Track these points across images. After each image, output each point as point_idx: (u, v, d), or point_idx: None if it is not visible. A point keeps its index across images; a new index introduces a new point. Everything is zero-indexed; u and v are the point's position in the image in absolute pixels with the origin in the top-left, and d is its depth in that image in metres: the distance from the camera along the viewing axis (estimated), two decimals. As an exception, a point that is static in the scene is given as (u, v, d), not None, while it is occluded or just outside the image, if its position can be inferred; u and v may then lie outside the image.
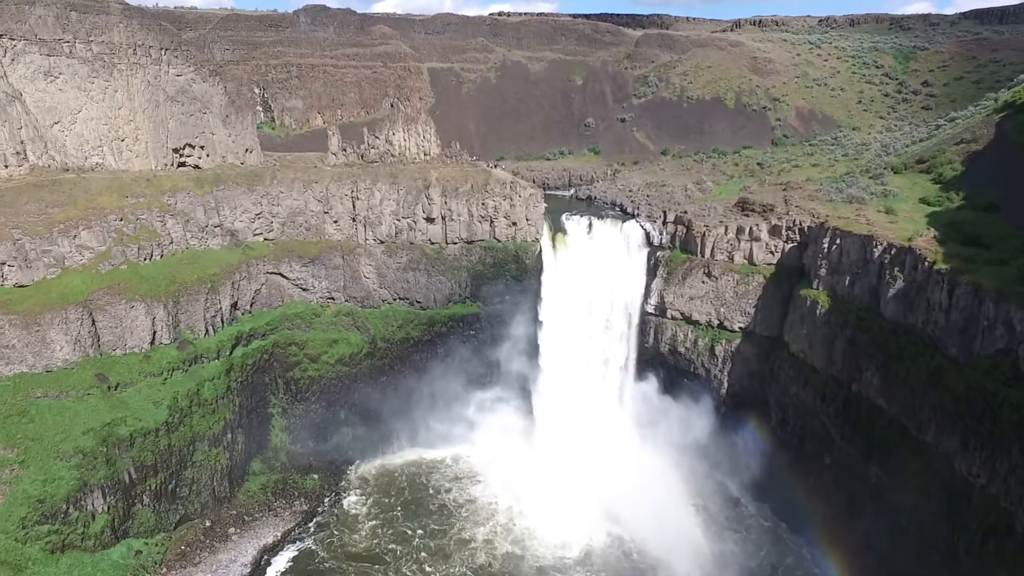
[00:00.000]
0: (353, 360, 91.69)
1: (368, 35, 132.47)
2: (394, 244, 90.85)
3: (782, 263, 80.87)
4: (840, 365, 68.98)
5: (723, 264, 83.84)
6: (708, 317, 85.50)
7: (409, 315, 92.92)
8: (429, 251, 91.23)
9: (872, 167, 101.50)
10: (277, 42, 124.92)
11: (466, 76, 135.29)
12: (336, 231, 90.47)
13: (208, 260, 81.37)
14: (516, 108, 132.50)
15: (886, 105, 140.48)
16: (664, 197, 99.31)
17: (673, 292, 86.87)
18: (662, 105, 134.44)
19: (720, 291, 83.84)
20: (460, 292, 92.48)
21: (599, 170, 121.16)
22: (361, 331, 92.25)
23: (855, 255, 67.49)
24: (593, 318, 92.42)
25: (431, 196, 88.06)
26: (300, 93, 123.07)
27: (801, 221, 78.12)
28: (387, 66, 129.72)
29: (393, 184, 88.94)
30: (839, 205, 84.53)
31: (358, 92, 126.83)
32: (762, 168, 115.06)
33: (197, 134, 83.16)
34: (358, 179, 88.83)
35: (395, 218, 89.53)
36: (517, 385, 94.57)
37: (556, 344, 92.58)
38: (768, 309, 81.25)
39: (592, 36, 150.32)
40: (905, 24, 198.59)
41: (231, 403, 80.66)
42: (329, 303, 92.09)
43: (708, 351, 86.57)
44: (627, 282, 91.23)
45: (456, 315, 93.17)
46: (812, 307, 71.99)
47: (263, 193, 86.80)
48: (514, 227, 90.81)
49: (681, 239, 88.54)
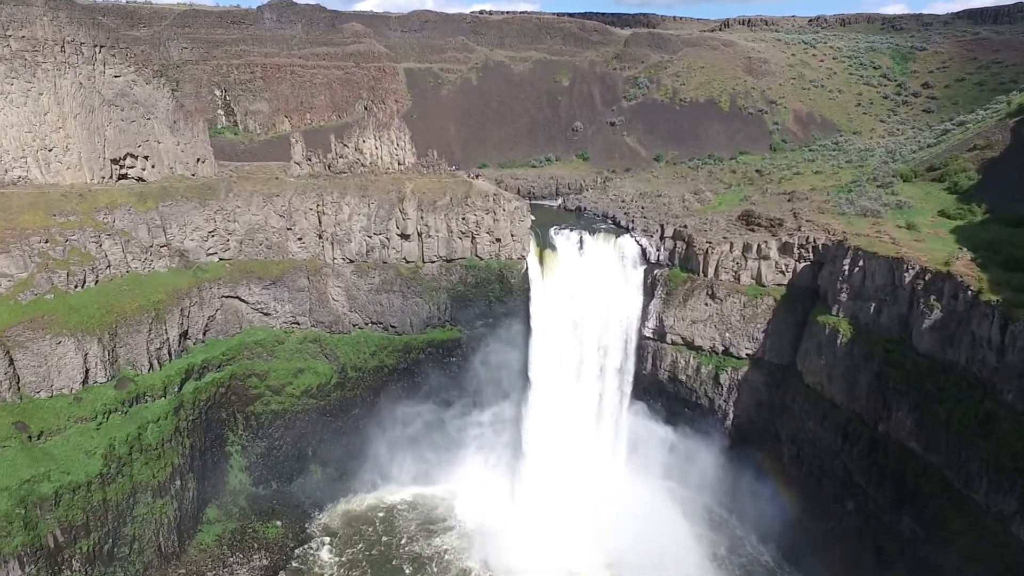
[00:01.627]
0: (321, 391, 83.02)
1: (339, 33, 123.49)
2: (365, 263, 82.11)
3: (794, 284, 73.44)
4: (865, 402, 61.58)
5: (728, 285, 76.23)
6: (712, 342, 77.86)
7: (383, 341, 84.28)
8: (404, 271, 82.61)
9: (879, 175, 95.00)
10: (240, 40, 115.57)
11: (445, 77, 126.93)
12: (300, 249, 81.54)
13: (153, 285, 72.06)
14: (499, 111, 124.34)
15: (886, 108, 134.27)
16: (660, 209, 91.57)
17: (673, 315, 79.11)
18: (653, 108, 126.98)
19: (725, 314, 76.23)
20: (439, 315, 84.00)
21: (588, 178, 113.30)
22: (329, 359, 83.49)
23: (881, 279, 60.08)
24: (585, 342, 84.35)
25: (406, 210, 79.48)
26: (265, 95, 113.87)
27: (815, 238, 70.68)
28: (360, 66, 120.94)
29: (363, 197, 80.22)
30: (853, 219, 77.51)
31: (329, 94, 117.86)
32: (762, 176, 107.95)
33: (140, 143, 73.81)
34: (324, 191, 79.98)
35: (366, 235, 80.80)
36: (503, 417, 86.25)
37: (545, 371, 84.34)
38: (779, 335, 73.76)
39: (579, 35, 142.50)
40: (897, 24, 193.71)
41: (180, 445, 71.50)
42: (294, 329, 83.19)
43: (712, 379, 78.93)
44: (622, 303, 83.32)
45: (435, 340, 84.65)
46: (831, 336, 64.53)
47: (217, 208, 77.64)
48: (498, 243, 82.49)
49: (681, 256, 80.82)
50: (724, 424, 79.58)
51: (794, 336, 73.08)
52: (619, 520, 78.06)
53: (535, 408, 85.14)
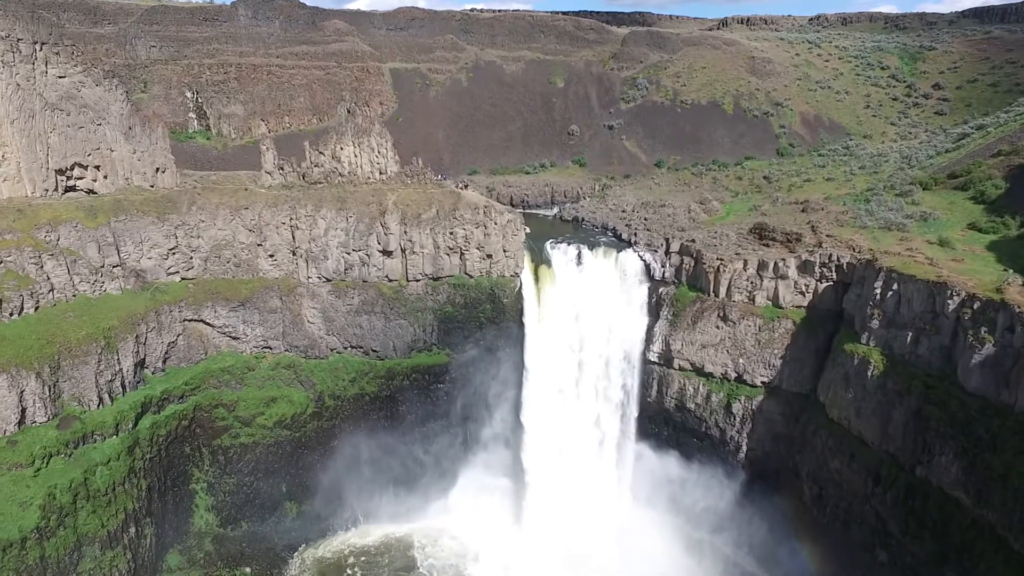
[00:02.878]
0: (296, 422, 75.89)
1: (320, 31, 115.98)
2: (343, 282, 74.91)
3: (815, 306, 66.79)
4: (900, 442, 54.92)
5: (742, 306, 69.49)
6: (724, 369, 71.11)
7: (363, 366, 77.13)
8: (386, 290, 75.45)
9: (897, 182, 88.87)
10: (212, 38, 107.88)
11: (434, 78, 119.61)
12: (272, 267, 74.27)
13: (104, 310, 64.59)
14: (491, 114, 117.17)
15: (896, 110, 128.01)
16: (664, 220, 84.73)
17: (681, 338, 72.30)
18: (653, 110, 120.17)
19: (738, 338, 69.48)
20: (425, 338, 76.90)
21: (585, 185, 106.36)
22: (305, 387, 76.29)
23: (920, 306, 53.42)
24: (585, 366, 77.47)
25: (388, 224, 72.33)
26: (240, 97, 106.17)
27: (839, 256, 64.01)
28: (342, 66, 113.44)
29: (341, 210, 73.00)
30: (877, 233, 71.07)
31: (309, 96, 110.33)
32: (770, 183, 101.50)
33: (90, 151, 66.30)
34: (298, 204, 72.72)
35: (344, 251, 73.58)
36: (495, 448, 79.35)
37: (541, 397, 77.42)
38: (798, 362, 67.10)
39: (574, 34, 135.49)
40: (901, 23, 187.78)
41: (135, 488, 64.15)
42: (265, 354, 75.94)
43: (724, 409, 72.18)
44: (625, 324, 76.44)
45: (420, 366, 77.55)
46: (861, 367, 57.82)
47: (179, 223, 70.24)
48: (489, 260, 75.47)
49: (689, 273, 74.04)
50: (737, 457, 72.90)
51: (815, 363, 66.47)
52: (622, 558, 71.49)
53: (531, 437, 78.28)
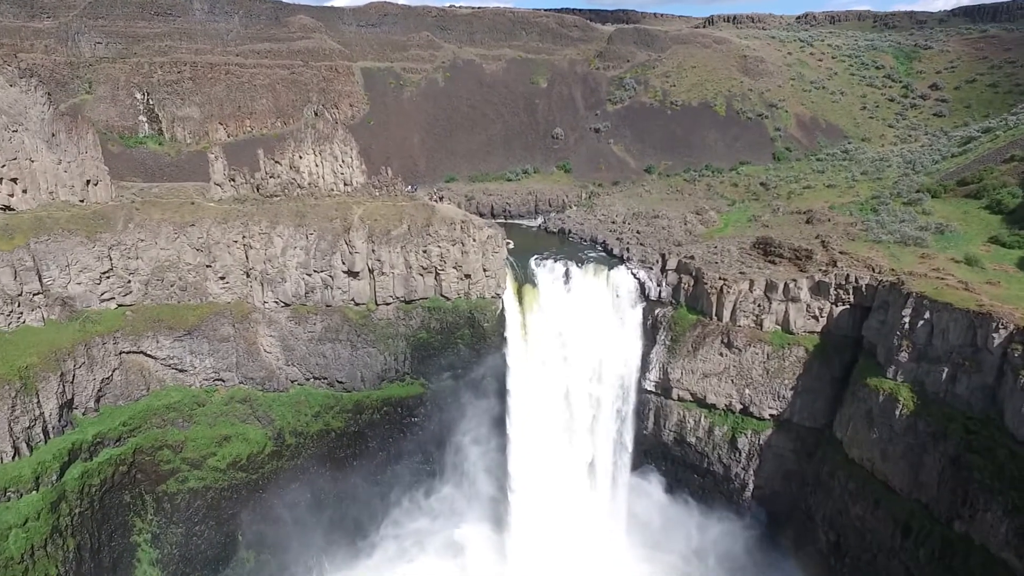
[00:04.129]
0: (253, 463, 67.98)
1: (284, 27, 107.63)
2: (304, 307, 66.97)
3: (830, 332, 60.16)
4: (935, 492, 48.40)
5: (748, 331, 62.70)
6: (728, 400, 64.31)
7: (328, 399, 69.33)
8: (353, 315, 67.62)
9: (903, 190, 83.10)
10: (165, 34, 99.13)
11: (408, 78, 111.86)
12: (223, 291, 66.10)
13: (20, 345, 56.10)
14: (469, 116, 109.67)
15: (893, 111, 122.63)
16: (659, 233, 77.79)
17: (680, 366, 65.36)
18: (642, 112, 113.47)
19: (744, 367, 62.71)
20: (397, 368, 69.24)
21: (572, 192, 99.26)
22: (263, 423, 68.29)
23: (958, 338, 46.90)
24: (575, 397, 70.28)
25: (353, 242, 64.49)
26: (196, 99, 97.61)
27: (858, 277, 57.39)
28: (309, 65, 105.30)
29: (300, 226, 65.05)
30: (893, 248, 64.78)
31: (272, 98, 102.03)
32: (767, 190, 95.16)
33: (4, 161, 57.67)
34: (251, 220, 64.62)
35: (304, 272, 65.63)
36: (476, 487, 71.78)
37: (527, 430, 70.07)
38: (811, 393, 60.48)
39: (557, 31, 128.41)
40: (891, 22, 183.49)
41: (61, 549, 56.01)
42: (217, 387, 67.80)
43: (728, 443, 65.39)
44: (618, 350, 69.39)
45: (392, 398, 69.91)
46: (887, 405, 51.22)
47: (113, 242, 61.79)
48: (467, 280, 67.96)
49: (688, 294, 67.14)
50: (742, 496, 66.18)
51: (830, 395, 59.90)
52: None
53: (517, 474, 70.92)
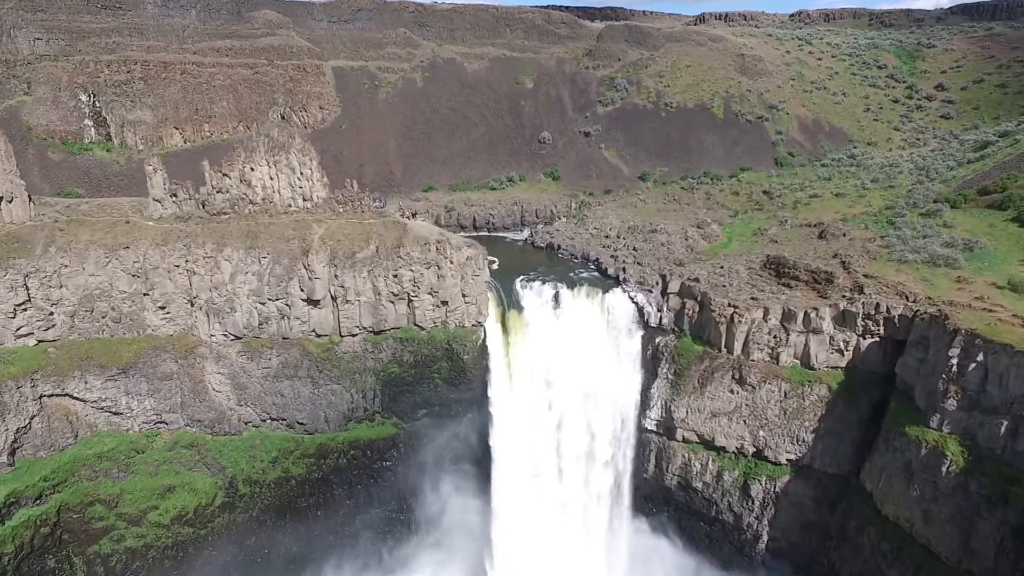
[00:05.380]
0: (201, 516, 60.04)
1: (247, 23, 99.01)
2: (257, 340, 58.78)
3: (856, 368, 53.01)
4: (991, 564, 41.38)
5: (763, 366, 55.39)
6: (740, 442, 56.98)
7: (287, 443, 61.33)
8: (314, 348, 59.54)
9: (919, 199, 76.71)
10: (113, 30, 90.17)
11: (384, 78, 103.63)
12: (164, 322, 57.79)
13: (-87, 396, 47.66)
14: (450, 120, 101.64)
15: (897, 113, 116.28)
16: (658, 250, 70.27)
17: (685, 404, 57.93)
18: (635, 114, 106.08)
19: (758, 406, 55.40)
20: (366, 406, 61.33)
21: (560, 202, 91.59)
22: (212, 471, 60.18)
23: (1020, 387, 39.78)
24: (566, 436, 62.69)
25: (312, 266, 56.40)
26: (148, 101, 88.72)
27: (889, 307, 50.22)
28: (274, 64, 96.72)
29: (252, 248, 56.84)
30: (923, 270, 57.78)
31: (233, 99, 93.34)
32: (771, 199, 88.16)
33: None
34: (194, 241, 56.34)
35: (257, 301, 57.44)
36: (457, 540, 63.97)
37: (513, 474, 62.46)
38: (835, 436, 53.32)
39: (543, 28, 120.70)
40: (887, 20, 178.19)
41: (-34, 634, 47.45)
42: (159, 431, 59.55)
43: (739, 490, 58.09)
44: (614, 384, 61.88)
45: (360, 440, 62.04)
46: (931, 460, 44.07)
47: (30, 269, 53.31)
48: (444, 307, 60.12)
49: (692, 321, 59.77)
50: (755, 548, 58.90)
51: (856, 439, 52.80)
52: None
53: (502, 522, 63.25)
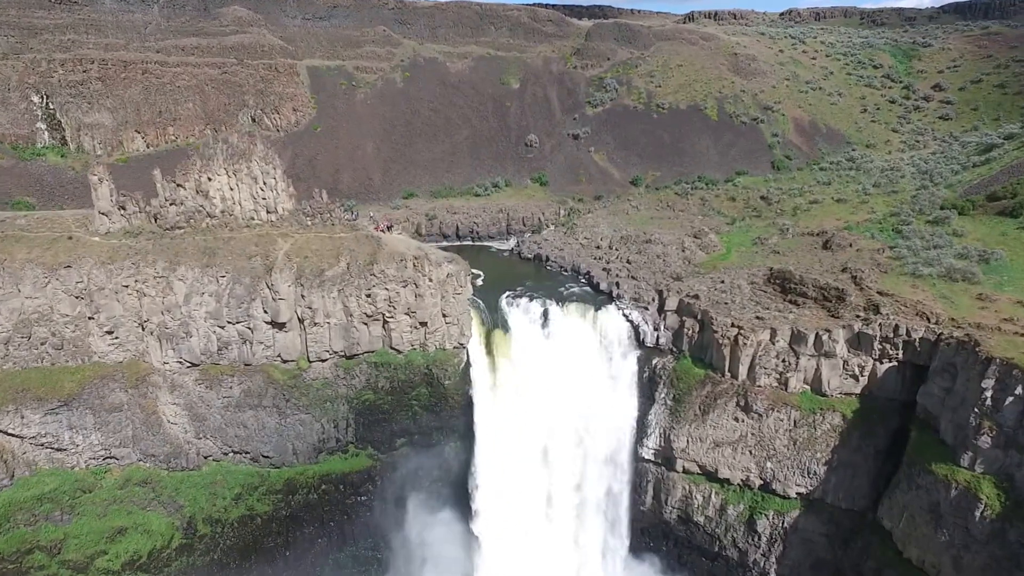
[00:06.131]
0: (156, 560, 54.64)
1: (215, 20, 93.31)
2: (216, 367, 53.41)
3: (872, 394, 48.64)
4: (1032, 622, 37.04)
5: (770, 392, 50.89)
6: (745, 474, 52.47)
7: (251, 478, 56.07)
8: (279, 375, 54.28)
9: (925, 206, 73.04)
10: (68, 26, 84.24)
11: (362, 78, 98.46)
12: (112, 348, 52.29)
13: None
14: (431, 122, 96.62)
15: (895, 114, 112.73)
16: (653, 263, 65.63)
17: (686, 432, 53.32)
18: (625, 116, 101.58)
19: (766, 436, 50.90)
20: (338, 436, 56.19)
21: (548, 209, 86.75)
22: (168, 510, 54.80)
23: (1066, 425, 35.57)
24: (556, 466, 57.92)
25: (276, 285, 51.15)
26: (107, 103, 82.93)
27: (910, 329, 45.86)
28: (244, 64, 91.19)
29: (209, 267, 51.47)
30: (940, 285, 53.66)
31: (200, 101, 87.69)
32: (769, 205, 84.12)
33: None
34: (144, 260, 50.90)
35: (215, 324, 52.09)
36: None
37: (499, 508, 57.60)
38: (849, 468, 48.92)
39: (529, 26, 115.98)
40: (878, 19, 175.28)
41: None
42: (109, 467, 54.08)
43: (744, 525, 53.58)
44: (608, 409, 57.13)
45: (333, 473, 56.91)
46: (961, 502, 39.74)
47: (-42, 293, 47.77)
48: (422, 329, 55.09)
49: (692, 341, 55.18)
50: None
51: (873, 471, 48.44)
52: None
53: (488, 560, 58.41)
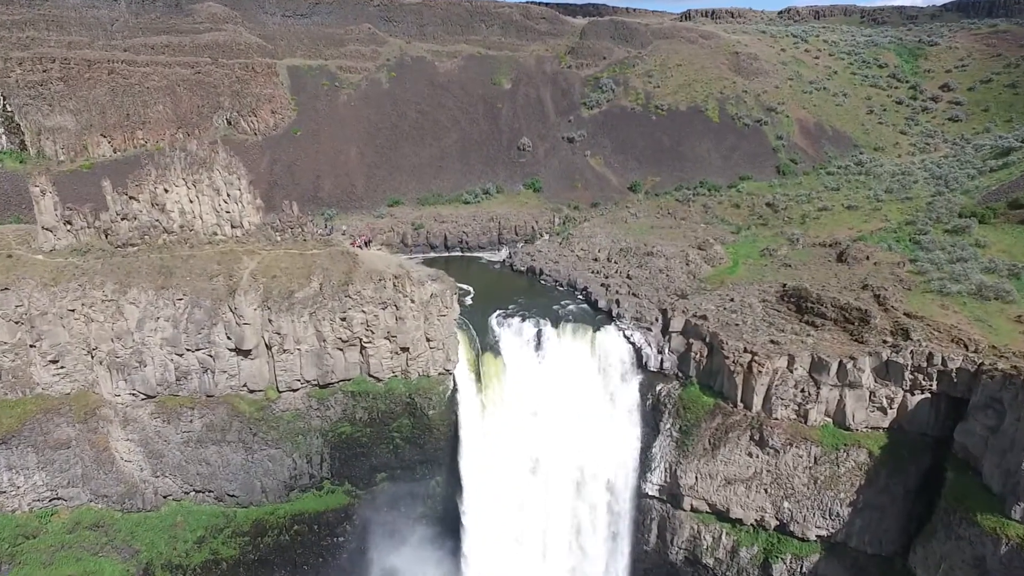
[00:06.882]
0: (110, 612, 49.00)
1: (188, 16, 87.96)
2: (175, 398, 48.23)
3: (902, 428, 43.91)
4: None
5: (788, 425, 46.10)
6: (760, 514, 47.68)
7: (216, 519, 50.92)
8: (246, 407, 49.12)
9: (942, 213, 68.68)
10: (27, 22, 78.68)
11: (345, 78, 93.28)
12: (58, 379, 47.04)
13: None
14: (419, 124, 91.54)
15: (902, 116, 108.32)
16: (656, 278, 60.74)
17: (695, 468, 48.49)
18: (623, 118, 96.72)
19: (783, 473, 46.11)
20: (311, 472, 51.09)
21: (542, 218, 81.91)
22: (123, 555, 49.62)
23: None
24: (552, 503, 52.99)
25: (240, 309, 46.02)
26: (70, 105, 77.46)
27: (946, 358, 41.12)
28: (219, 63, 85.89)
29: (164, 288, 46.28)
30: (971, 305, 49.32)
31: (171, 103, 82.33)
32: (776, 212, 79.61)
33: None
34: (91, 281, 45.68)
35: (173, 352, 46.90)
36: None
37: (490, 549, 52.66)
38: (876, 510, 44.19)
39: (522, 23, 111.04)
40: (879, 17, 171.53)
41: None
42: (56, 509, 48.83)
43: (759, 568, 48.74)
44: (608, 441, 52.26)
45: (306, 513, 51.80)
46: (1013, 560, 35.07)
47: None
48: (404, 354, 50.04)
49: (701, 366, 50.34)
50: (777, 636, 49.67)
51: (903, 513, 43.75)
52: None
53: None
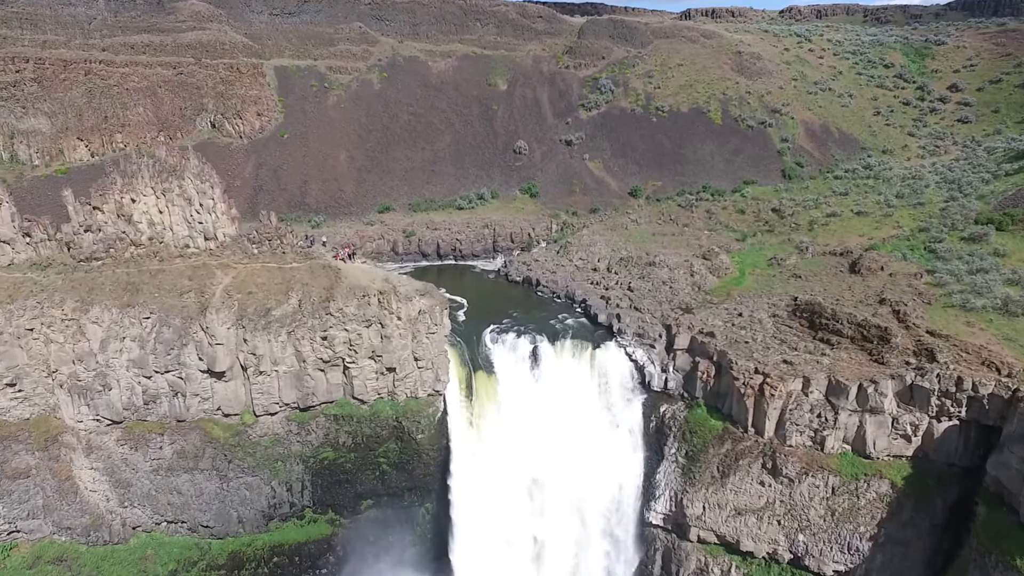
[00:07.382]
0: (75, 652, 45.54)
1: (170, 15, 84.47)
2: (143, 424, 44.82)
3: (928, 457, 40.64)
4: None
5: (803, 453, 42.79)
6: (772, 547, 44.36)
7: (189, 551, 47.41)
8: (220, 432, 45.72)
9: (957, 220, 65.67)
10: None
11: (335, 79, 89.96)
12: (15, 403, 43.61)
13: None
14: (411, 127, 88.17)
15: (910, 117, 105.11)
16: (659, 291, 57.39)
17: (702, 497, 45.17)
18: (622, 120, 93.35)
19: (798, 504, 42.81)
20: (292, 500, 47.70)
21: (539, 224, 78.51)
22: (90, 592, 45.95)
23: None
24: (550, 533, 49.65)
25: (212, 328, 42.63)
26: (44, 107, 73.94)
27: (976, 383, 37.85)
28: (203, 64, 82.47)
29: (130, 306, 42.87)
30: (997, 321, 46.49)
31: (152, 105, 78.88)
32: (783, 218, 76.34)
33: None
34: (50, 299, 42.26)
35: (140, 374, 43.49)
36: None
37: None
38: (900, 545, 40.91)
39: (518, 22, 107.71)
40: (883, 16, 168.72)
41: None
42: (15, 543, 45.34)
43: (770, 605, 45.58)
44: (608, 465, 48.96)
45: (286, 544, 48.33)
46: (1057, 610, 31.82)
47: None
48: (390, 375, 46.67)
49: (708, 386, 47.06)
50: (790, 676, 46.37)
51: (929, 549, 40.46)
52: None
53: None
